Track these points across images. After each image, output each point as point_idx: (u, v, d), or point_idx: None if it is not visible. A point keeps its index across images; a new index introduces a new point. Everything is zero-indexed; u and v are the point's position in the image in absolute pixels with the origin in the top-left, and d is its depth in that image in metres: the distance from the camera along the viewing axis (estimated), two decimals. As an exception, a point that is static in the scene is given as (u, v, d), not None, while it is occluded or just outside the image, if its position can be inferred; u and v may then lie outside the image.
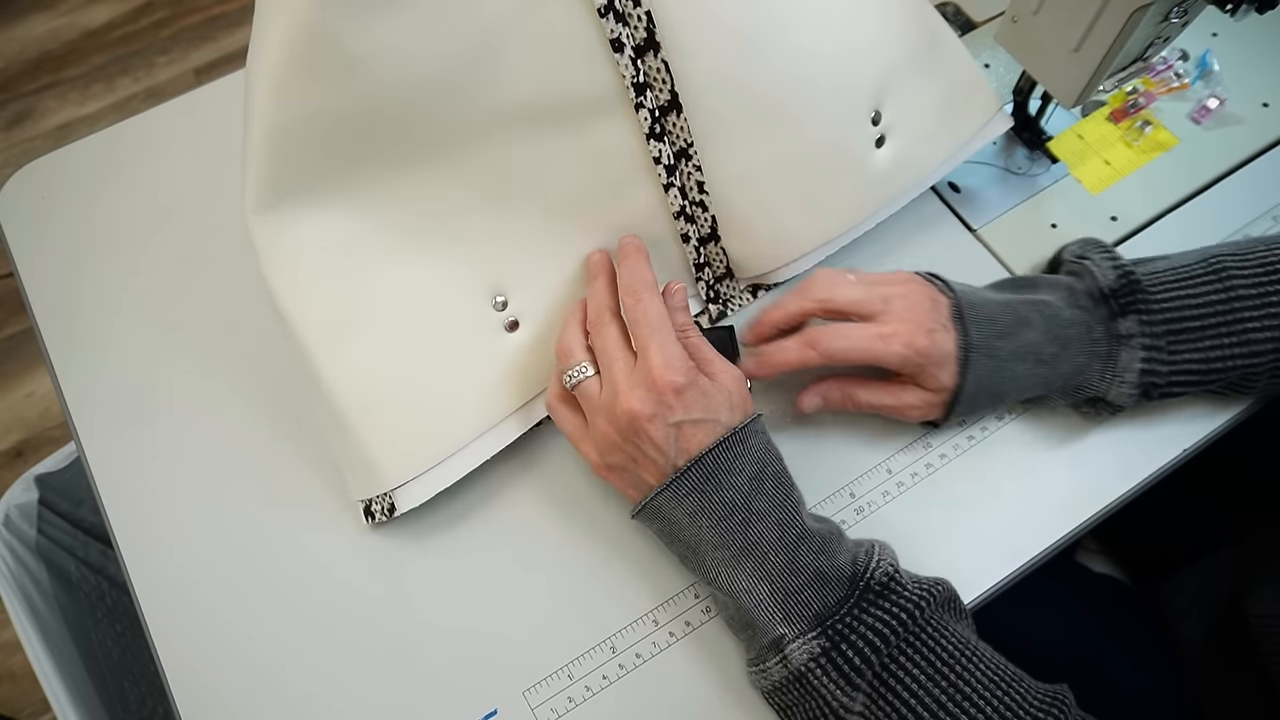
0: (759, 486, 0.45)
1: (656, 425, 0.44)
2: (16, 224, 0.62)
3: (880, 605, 0.42)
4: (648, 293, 0.47)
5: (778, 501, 0.45)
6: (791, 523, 0.44)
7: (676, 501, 0.45)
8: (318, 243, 0.46)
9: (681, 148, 0.49)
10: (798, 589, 0.43)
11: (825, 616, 0.42)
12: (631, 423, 0.44)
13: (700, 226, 0.52)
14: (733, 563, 0.44)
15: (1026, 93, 0.59)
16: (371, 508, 0.49)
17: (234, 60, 1.51)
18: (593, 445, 0.47)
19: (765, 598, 0.43)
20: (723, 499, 0.44)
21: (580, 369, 0.47)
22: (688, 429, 0.44)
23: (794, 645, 0.42)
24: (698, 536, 0.45)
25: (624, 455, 0.46)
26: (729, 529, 0.44)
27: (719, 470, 0.44)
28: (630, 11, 0.44)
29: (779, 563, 0.43)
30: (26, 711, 1.08)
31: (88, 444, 0.54)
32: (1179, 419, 0.53)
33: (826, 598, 0.43)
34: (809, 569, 0.43)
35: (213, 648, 0.49)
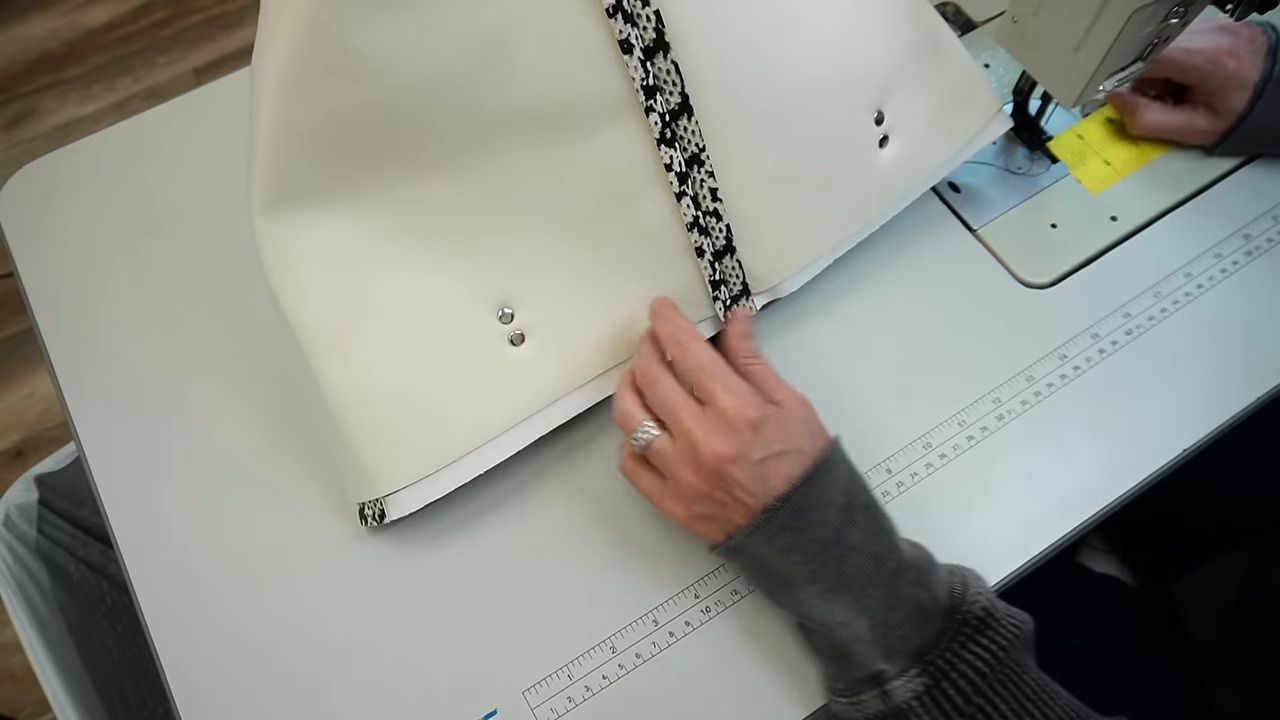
0: (850, 519, 0.43)
1: (741, 466, 0.43)
2: (17, 224, 0.62)
3: (978, 641, 0.42)
4: (692, 339, 0.46)
5: (871, 533, 0.44)
6: (888, 555, 0.43)
7: (766, 540, 0.44)
8: (322, 246, 0.46)
9: (693, 153, 0.48)
10: (897, 624, 0.42)
11: (925, 651, 0.42)
12: (717, 468, 0.43)
13: (715, 239, 0.50)
14: (828, 597, 0.43)
15: (1026, 93, 0.59)
16: (365, 511, 0.49)
17: (234, 60, 1.51)
18: (676, 500, 0.46)
19: (864, 633, 0.42)
20: (814, 535, 0.43)
21: (645, 429, 0.46)
22: (772, 464, 0.43)
23: (896, 683, 0.41)
24: (790, 573, 0.44)
25: (713, 503, 0.44)
26: (823, 564, 0.43)
27: (807, 507, 0.43)
28: (639, 12, 0.44)
29: (877, 596, 0.43)
30: (26, 711, 1.08)
31: (88, 444, 0.54)
32: (1179, 419, 0.53)
33: (925, 631, 0.42)
34: (908, 603, 0.43)
35: (213, 648, 0.49)
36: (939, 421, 0.53)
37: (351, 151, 0.44)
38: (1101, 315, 0.56)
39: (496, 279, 0.49)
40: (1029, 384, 0.54)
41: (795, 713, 0.47)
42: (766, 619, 0.49)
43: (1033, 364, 0.55)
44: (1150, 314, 0.56)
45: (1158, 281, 0.57)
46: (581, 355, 0.51)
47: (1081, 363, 0.55)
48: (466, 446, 0.49)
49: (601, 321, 0.51)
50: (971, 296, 0.57)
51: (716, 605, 0.49)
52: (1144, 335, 0.55)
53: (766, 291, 0.54)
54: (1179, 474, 0.52)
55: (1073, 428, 0.53)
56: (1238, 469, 0.62)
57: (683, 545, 0.50)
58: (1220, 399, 0.53)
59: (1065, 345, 0.55)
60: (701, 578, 0.50)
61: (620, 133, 0.47)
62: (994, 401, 0.54)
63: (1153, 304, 0.56)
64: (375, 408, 0.48)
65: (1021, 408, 0.53)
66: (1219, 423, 0.53)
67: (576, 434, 0.53)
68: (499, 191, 0.47)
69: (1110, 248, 0.58)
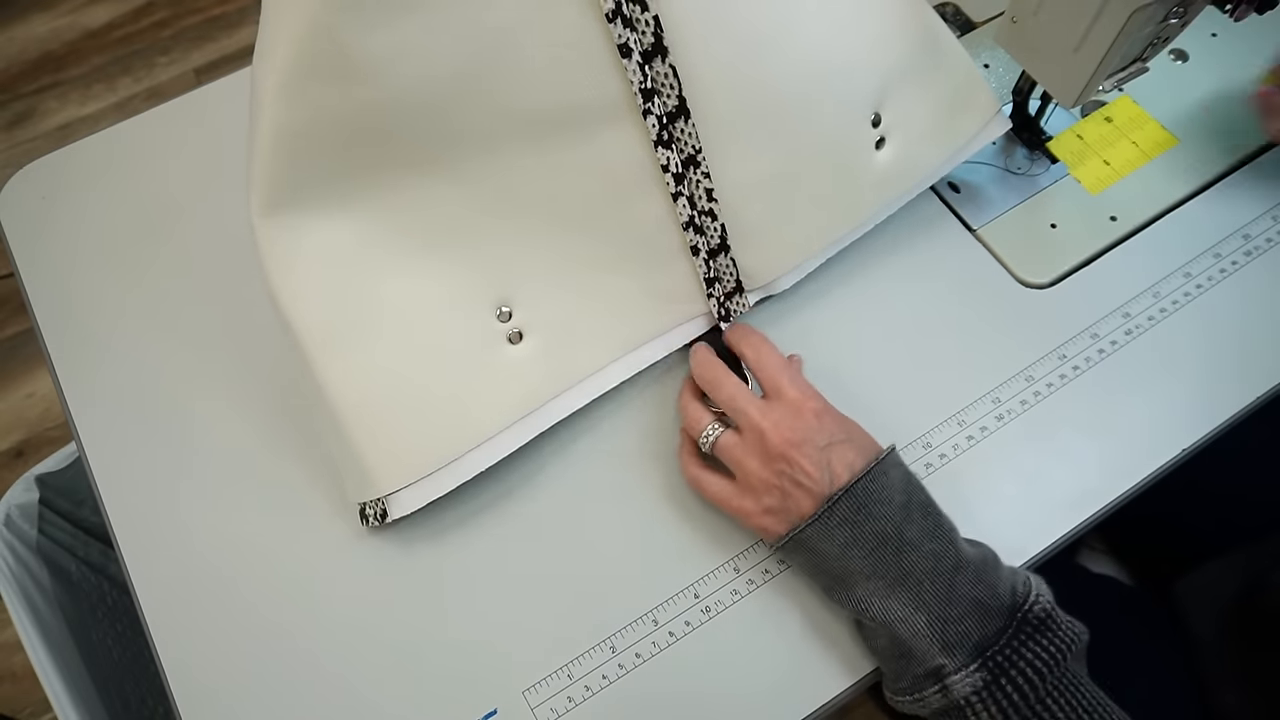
0: (908, 515, 0.45)
1: (808, 450, 0.45)
2: (17, 224, 0.62)
3: (1038, 640, 0.42)
4: (761, 341, 0.50)
5: (929, 530, 0.45)
6: (946, 551, 0.44)
7: (827, 534, 0.44)
8: (322, 246, 0.46)
9: (690, 155, 0.48)
10: (956, 618, 0.43)
11: (985, 647, 0.42)
12: (784, 453, 0.45)
13: (710, 238, 0.51)
14: (886, 592, 0.44)
15: (1026, 93, 0.59)
16: (365, 511, 0.49)
17: (235, 60, 1.51)
18: (746, 494, 0.47)
19: (923, 628, 0.43)
20: (874, 529, 0.44)
21: (712, 428, 0.48)
22: (836, 450, 0.45)
23: (956, 677, 0.42)
24: (848, 568, 0.44)
25: (779, 493, 0.46)
26: (882, 559, 0.44)
27: (869, 500, 0.44)
28: (638, 16, 0.44)
29: (935, 592, 0.43)
30: (26, 711, 1.08)
31: (88, 444, 0.54)
32: (1178, 418, 0.53)
33: (986, 628, 0.43)
34: (967, 598, 0.43)
35: (213, 648, 0.49)
36: (938, 421, 0.53)
37: (351, 153, 0.44)
38: (1101, 315, 0.56)
39: (495, 278, 0.49)
40: (1028, 384, 0.54)
41: (795, 712, 0.47)
42: (766, 619, 0.49)
43: (1032, 364, 0.55)
44: (1150, 314, 0.56)
45: (1157, 281, 0.57)
46: (579, 352, 0.51)
47: (1081, 363, 0.55)
48: (466, 445, 0.49)
49: (599, 319, 0.51)
50: (971, 296, 0.57)
51: (716, 605, 0.49)
52: (1143, 335, 0.55)
53: (760, 289, 0.54)
54: (1177, 475, 0.52)
55: (1072, 428, 0.53)
56: (1236, 469, 0.62)
57: (683, 545, 0.50)
58: (1220, 398, 0.53)
59: (1065, 345, 0.55)
60: (701, 577, 0.50)
61: (618, 135, 0.47)
62: (993, 401, 0.54)
63: (1152, 304, 0.56)
64: (375, 407, 0.48)
65: (1021, 408, 0.53)
66: (1218, 422, 0.53)
67: (576, 431, 0.53)
68: (498, 192, 0.48)
69: (1110, 248, 0.58)
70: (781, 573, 0.50)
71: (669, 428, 0.54)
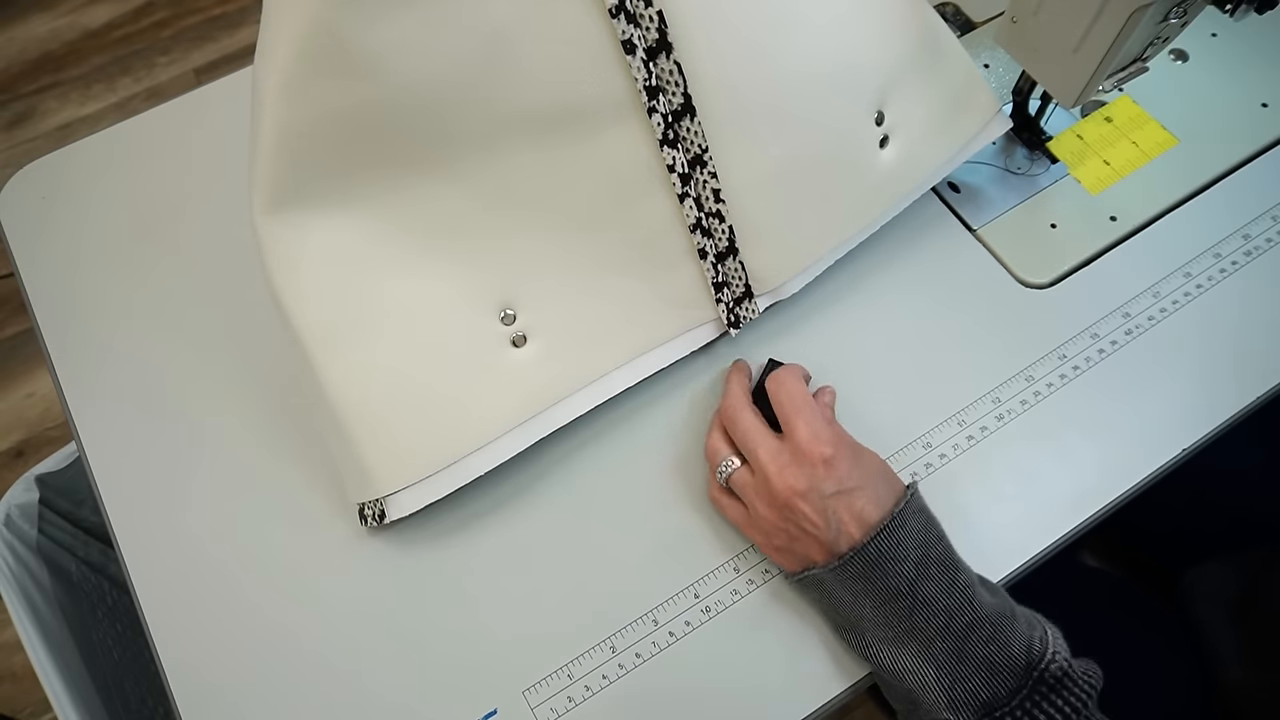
0: (924, 572, 0.44)
1: (811, 500, 0.44)
2: (17, 224, 0.62)
3: (1051, 701, 0.42)
4: (789, 376, 0.49)
5: (944, 587, 0.44)
6: (960, 610, 0.43)
7: (840, 581, 0.44)
8: (324, 246, 0.46)
9: (696, 154, 0.48)
10: (965, 676, 0.42)
11: (994, 707, 0.42)
12: (787, 501, 0.45)
13: (718, 240, 0.51)
14: (896, 643, 0.44)
15: (1026, 93, 0.59)
16: (365, 511, 0.49)
17: (235, 60, 1.51)
18: (756, 529, 0.48)
19: (931, 682, 0.43)
20: (887, 585, 0.44)
21: (728, 462, 0.48)
22: (843, 500, 0.44)
23: None
24: (860, 615, 0.44)
25: (785, 535, 0.46)
26: (893, 613, 0.43)
27: (882, 558, 0.44)
28: (642, 12, 0.44)
29: (946, 649, 0.43)
30: (26, 711, 1.08)
31: (88, 444, 0.54)
32: (1179, 418, 0.53)
33: (997, 688, 0.42)
34: (977, 657, 0.43)
35: (213, 648, 0.49)
36: (939, 421, 0.53)
37: (353, 152, 0.44)
38: (1101, 315, 0.56)
39: (498, 280, 0.49)
40: (1029, 384, 0.54)
41: (795, 711, 0.47)
42: (766, 620, 0.49)
43: (1032, 364, 0.55)
44: (1150, 314, 0.56)
45: (1157, 281, 0.57)
46: (583, 358, 0.51)
47: (1081, 363, 0.55)
48: (467, 448, 0.49)
49: (604, 323, 0.51)
50: (971, 296, 0.57)
51: (716, 605, 0.49)
52: (1143, 335, 0.55)
53: (769, 293, 0.54)
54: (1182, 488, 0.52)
55: (1072, 428, 0.53)
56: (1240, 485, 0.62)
57: (683, 546, 0.50)
58: (1220, 398, 0.53)
59: (1065, 345, 0.55)
60: (701, 578, 0.50)
61: (623, 133, 0.47)
62: (994, 401, 0.54)
63: (1152, 304, 0.56)
64: (376, 408, 0.48)
65: (1021, 408, 0.53)
66: (1218, 422, 0.53)
67: (578, 436, 0.53)
68: (501, 192, 0.47)
69: (1110, 248, 0.58)
70: (782, 572, 0.50)
71: (671, 432, 0.54)
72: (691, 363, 0.55)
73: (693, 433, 0.53)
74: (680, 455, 0.53)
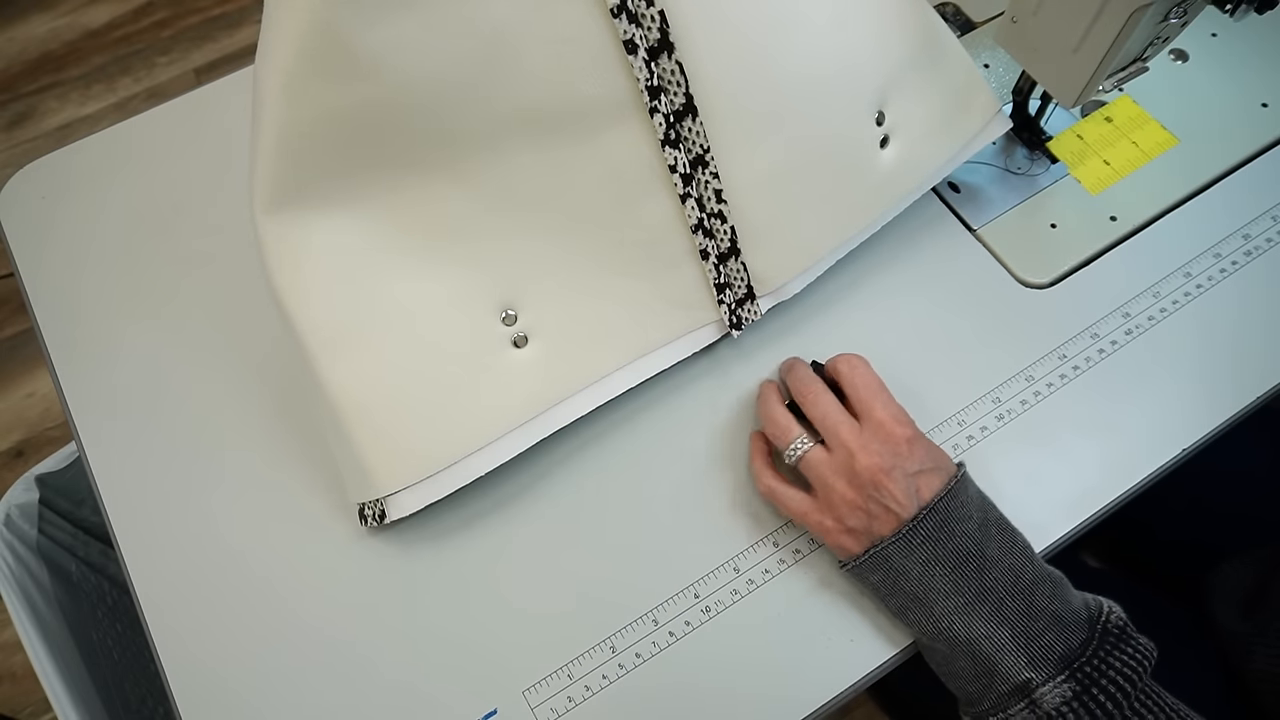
0: (986, 532, 0.45)
1: (896, 477, 0.45)
2: (17, 224, 0.62)
3: (1123, 649, 0.42)
4: (860, 361, 0.49)
5: (1006, 547, 0.45)
6: (1024, 567, 0.45)
7: (909, 551, 0.45)
8: (326, 245, 0.46)
9: (698, 154, 0.48)
10: (1039, 633, 0.43)
11: (1071, 659, 0.42)
12: (873, 478, 0.45)
13: (719, 241, 0.50)
14: (967, 610, 0.44)
15: (1026, 93, 0.59)
16: (365, 511, 0.49)
17: (235, 60, 1.51)
18: (828, 512, 0.47)
19: (1007, 642, 0.43)
20: (956, 546, 0.44)
21: (801, 441, 0.48)
22: (923, 478, 0.46)
23: (1044, 688, 0.42)
24: (928, 585, 0.45)
25: (864, 515, 0.46)
26: (964, 575, 0.44)
27: (950, 518, 0.45)
28: (643, 12, 0.44)
29: (1016, 607, 0.43)
30: (27, 711, 1.08)
31: (88, 444, 0.54)
32: (1179, 418, 0.53)
33: (1070, 640, 0.43)
34: (1046, 613, 0.44)
35: (213, 648, 0.49)
36: (939, 421, 0.53)
37: (355, 152, 0.44)
38: (1101, 315, 0.56)
39: (500, 281, 0.49)
40: (1029, 384, 0.54)
41: (795, 711, 0.47)
42: (766, 619, 0.49)
43: (1032, 364, 0.55)
44: (1150, 314, 0.56)
45: (1157, 281, 0.57)
46: (584, 358, 0.51)
47: (1081, 363, 0.55)
48: (467, 448, 0.49)
49: (605, 324, 0.51)
50: (971, 296, 0.57)
51: (716, 605, 0.49)
52: (1143, 335, 0.55)
53: (771, 294, 0.54)
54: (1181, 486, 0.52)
55: (1072, 428, 0.53)
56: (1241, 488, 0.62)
57: (683, 546, 0.50)
58: (1220, 398, 0.53)
59: (1065, 345, 0.55)
60: (701, 577, 0.50)
61: (624, 134, 0.47)
62: (994, 401, 0.54)
63: (1152, 304, 0.56)
64: (377, 408, 0.48)
65: (1021, 408, 0.53)
66: (1218, 422, 0.53)
67: (579, 437, 0.53)
68: (502, 193, 0.47)
69: (1110, 248, 0.58)
70: (781, 573, 0.50)
71: (672, 432, 0.54)
72: (693, 364, 0.55)
73: (693, 433, 0.53)
74: (681, 455, 0.53)
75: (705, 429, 0.53)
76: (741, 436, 0.53)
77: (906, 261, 0.58)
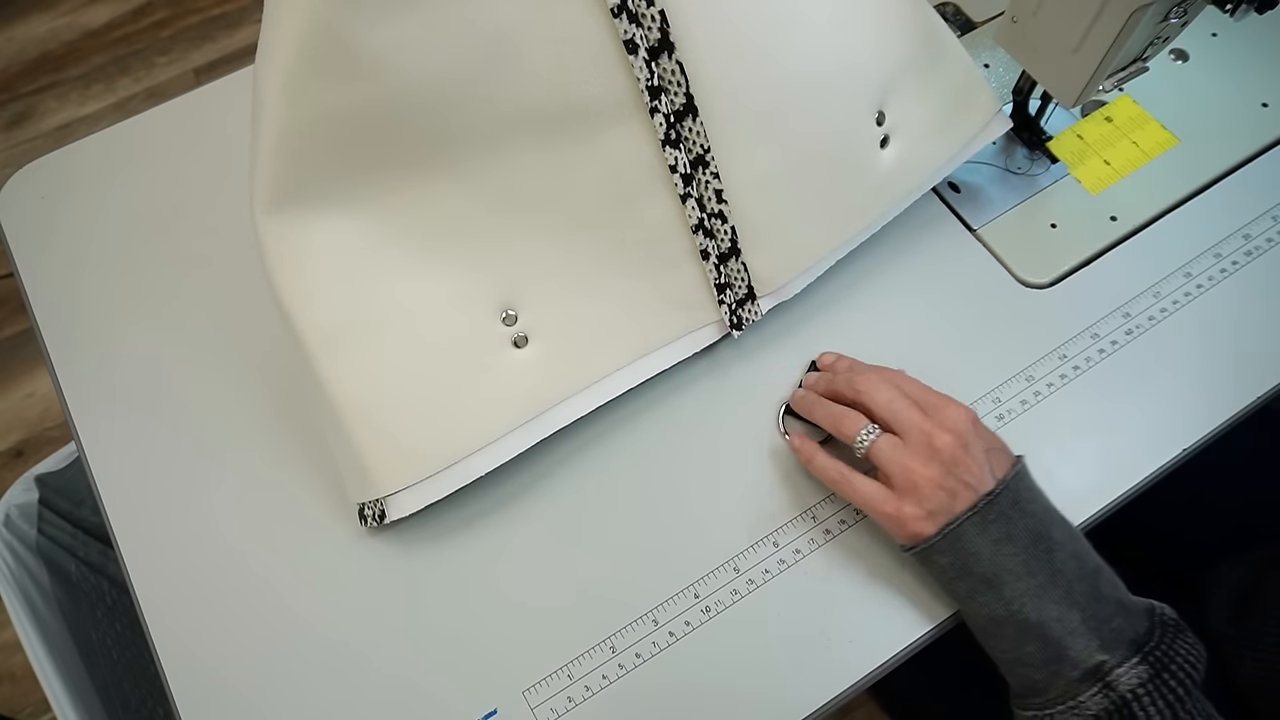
0: (1051, 515, 0.45)
1: (974, 450, 0.45)
2: (17, 224, 0.62)
3: (1183, 640, 0.43)
4: (904, 375, 0.50)
5: (1070, 533, 0.45)
6: (1087, 553, 0.45)
7: (981, 529, 0.44)
8: (326, 246, 0.46)
9: (698, 154, 0.48)
10: (1108, 616, 0.43)
11: (1141, 643, 0.43)
12: (953, 454, 0.45)
13: (720, 241, 0.50)
14: (1039, 592, 0.44)
15: (1026, 93, 0.59)
16: (365, 511, 0.49)
17: (234, 60, 1.51)
18: (906, 496, 0.46)
19: (1079, 625, 0.43)
20: (1027, 525, 0.44)
21: (870, 429, 0.47)
22: (994, 456, 0.46)
23: (1119, 671, 0.42)
24: (1000, 565, 0.44)
25: (945, 494, 0.45)
26: (1035, 556, 0.44)
27: (1021, 496, 0.45)
28: (644, 12, 0.44)
29: (1084, 591, 0.44)
30: (26, 711, 1.08)
31: (88, 444, 0.54)
32: (1179, 418, 0.53)
33: (1136, 626, 0.43)
34: (1111, 599, 0.44)
35: (213, 648, 0.49)
36: (939, 421, 0.53)
37: (355, 152, 0.44)
38: (1101, 315, 0.56)
39: (500, 281, 0.49)
40: (1029, 384, 0.54)
41: (796, 711, 0.47)
42: (766, 619, 0.49)
43: (1033, 364, 0.55)
44: (1150, 314, 0.56)
45: (1157, 281, 0.57)
46: (584, 359, 0.51)
47: (1081, 363, 0.55)
48: (467, 448, 0.49)
49: (606, 324, 0.51)
50: (971, 296, 0.57)
51: (716, 605, 0.49)
52: (1144, 335, 0.55)
53: (771, 294, 0.54)
54: (1183, 487, 0.52)
55: (1072, 428, 0.53)
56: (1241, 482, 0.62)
57: (683, 546, 0.50)
58: (1220, 398, 0.53)
59: (1065, 345, 0.55)
60: (701, 577, 0.50)
61: (624, 134, 0.47)
62: (994, 401, 0.54)
63: (1152, 304, 0.56)
64: (377, 408, 0.48)
65: (1021, 408, 0.53)
66: (1219, 422, 0.53)
67: (579, 437, 0.53)
68: (502, 193, 0.47)
69: (1110, 248, 0.58)
70: (781, 573, 0.50)
71: (673, 433, 0.54)
72: (693, 364, 0.55)
73: (694, 433, 0.53)
74: (681, 456, 0.53)
75: (706, 429, 0.53)
76: (742, 437, 0.53)
77: (907, 261, 0.58)
